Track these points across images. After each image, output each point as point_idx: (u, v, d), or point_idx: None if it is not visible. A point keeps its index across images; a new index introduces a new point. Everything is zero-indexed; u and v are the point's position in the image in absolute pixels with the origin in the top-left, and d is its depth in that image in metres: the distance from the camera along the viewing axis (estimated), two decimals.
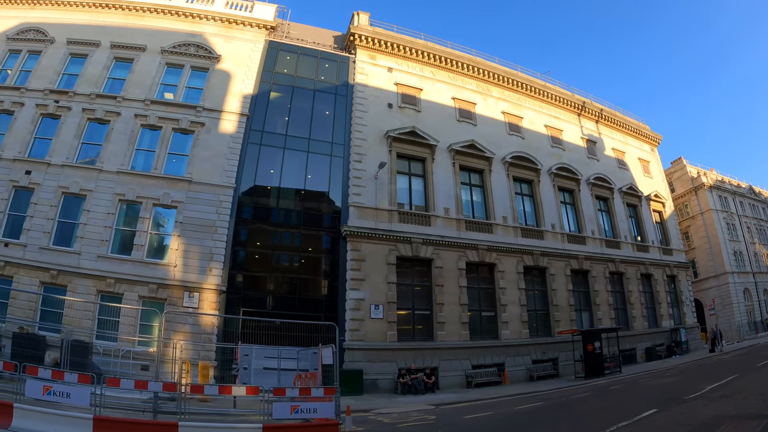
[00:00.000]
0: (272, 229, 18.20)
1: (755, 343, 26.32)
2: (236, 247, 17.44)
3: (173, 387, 8.89)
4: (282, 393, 8.87)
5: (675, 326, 25.92)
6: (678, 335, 25.35)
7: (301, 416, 8.04)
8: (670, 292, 27.20)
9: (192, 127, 18.73)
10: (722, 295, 32.71)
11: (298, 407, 7.97)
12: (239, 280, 17.26)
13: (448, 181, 19.90)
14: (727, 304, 32.21)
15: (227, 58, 20.16)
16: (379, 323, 16.66)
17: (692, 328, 27.49)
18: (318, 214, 18.68)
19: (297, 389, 9.63)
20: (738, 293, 33.00)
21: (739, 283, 33.63)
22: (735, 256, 34.36)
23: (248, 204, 18.23)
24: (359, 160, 18.75)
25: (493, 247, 19.55)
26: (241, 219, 17.76)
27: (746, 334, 30.25)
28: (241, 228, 17.88)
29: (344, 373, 15.15)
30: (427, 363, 16.79)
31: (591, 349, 18.15)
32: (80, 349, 12.27)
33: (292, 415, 7.92)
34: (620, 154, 28.10)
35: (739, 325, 30.35)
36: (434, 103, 21.39)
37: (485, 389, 16.47)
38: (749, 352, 21.92)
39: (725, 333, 29.29)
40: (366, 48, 21.15)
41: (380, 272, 17.25)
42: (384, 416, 11.36)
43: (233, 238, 17.30)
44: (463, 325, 18.01)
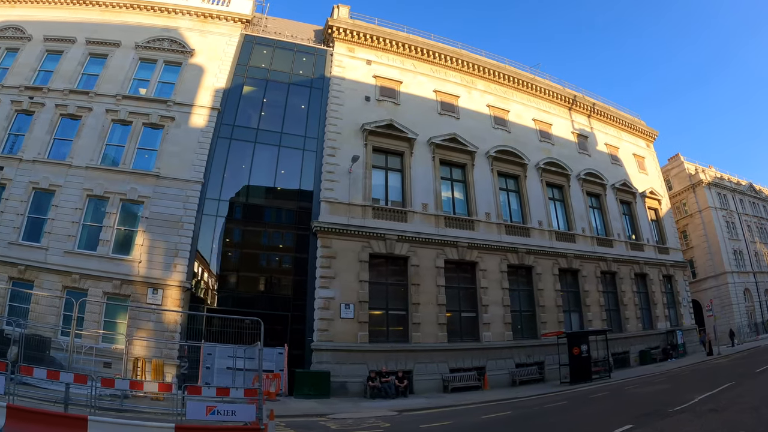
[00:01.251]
0: (240, 224, 17.23)
1: (756, 346, 24.60)
2: (202, 244, 16.57)
3: (84, 379, 8.19)
4: (197, 392, 8.39)
5: (671, 328, 24.34)
6: (674, 338, 23.78)
7: (218, 418, 7.40)
8: (667, 293, 25.61)
9: (162, 121, 18.05)
10: (721, 296, 30.86)
11: (215, 408, 7.35)
12: (205, 277, 16.34)
13: (427, 176, 18.65)
14: (727, 305, 30.36)
15: (201, 53, 19.38)
16: (350, 323, 15.48)
17: (690, 330, 25.87)
18: (288, 209, 17.59)
19: (214, 389, 8.82)
20: (738, 294, 31.09)
21: (739, 284, 31.69)
22: (735, 256, 32.45)
23: (216, 199, 17.22)
24: (332, 154, 17.61)
25: (475, 245, 18.24)
26: (208, 214, 16.84)
27: (747, 336, 28.42)
28: (207, 223, 16.90)
29: (310, 375, 14.08)
30: (400, 366, 15.55)
31: (577, 352, 16.74)
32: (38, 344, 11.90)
33: (207, 417, 7.27)
34: (613, 149, 26.61)
35: (739, 326, 28.51)
36: (414, 95, 20.17)
37: (462, 394, 15.20)
38: (749, 355, 20.31)
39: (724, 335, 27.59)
40: (344, 41, 20.06)
41: (352, 270, 16.08)
42: (336, 422, 10.27)
43: (199, 234, 16.43)
44: (441, 327, 16.72)
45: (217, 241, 17.06)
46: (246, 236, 17.23)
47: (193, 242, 16.18)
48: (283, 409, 11.43)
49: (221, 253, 17.11)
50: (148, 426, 7.39)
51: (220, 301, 16.41)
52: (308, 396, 13.53)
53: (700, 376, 14.64)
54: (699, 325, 27.84)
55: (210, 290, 16.56)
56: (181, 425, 6.86)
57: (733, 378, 12.67)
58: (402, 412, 11.78)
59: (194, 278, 16.12)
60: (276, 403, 12.10)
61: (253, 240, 17.25)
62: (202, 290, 16.25)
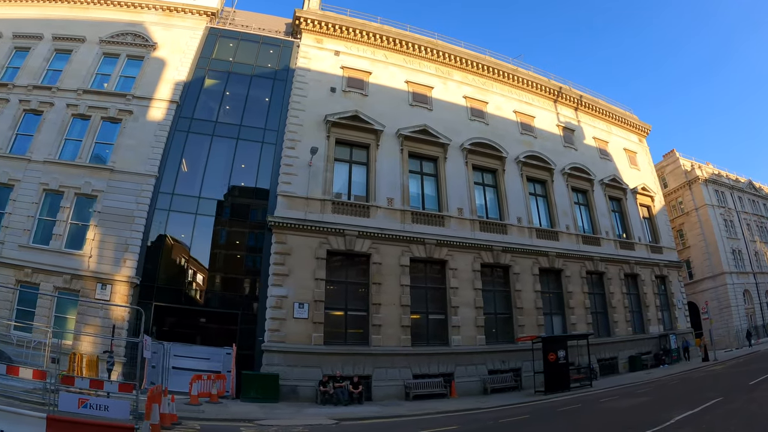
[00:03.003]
0: (193, 218, 15.83)
1: (755, 351, 22.27)
2: (154, 239, 15.42)
3: None
4: (71, 382, 7.90)
5: (664, 332, 22.18)
6: (667, 342, 21.68)
7: (89, 412, 6.81)
8: (660, 295, 23.43)
9: (120, 115, 17.22)
10: (719, 298, 28.37)
11: (87, 401, 6.79)
12: (154, 273, 15.13)
13: (394, 170, 17.01)
14: (725, 307, 27.85)
15: (164, 46, 18.48)
16: (304, 324, 13.95)
17: (685, 334, 23.66)
18: (244, 203, 16.21)
19: (88, 380, 8.14)
20: (737, 295, 28.49)
21: (738, 284, 29.05)
22: (733, 255, 29.86)
23: (169, 193, 16.03)
24: (292, 146, 16.13)
25: (445, 242, 16.52)
26: (160, 209, 15.74)
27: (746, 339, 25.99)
28: (160, 218, 15.77)
29: (258, 378, 12.76)
30: (358, 370, 13.95)
31: (553, 359, 14.87)
32: None
33: (79, 410, 6.67)
34: (602, 143, 24.60)
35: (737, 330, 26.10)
36: (384, 86, 18.59)
37: (424, 403, 13.48)
38: (747, 361, 18.13)
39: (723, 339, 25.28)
40: (312, 32, 18.66)
41: (307, 267, 14.54)
42: (259, 428, 9.05)
43: (151, 229, 15.36)
44: (404, 329, 15.03)
45: (167, 235, 15.92)
46: (197, 230, 15.79)
47: (144, 237, 15.23)
48: (216, 412, 10.52)
49: (171, 248, 15.97)
50: (20, 414, 6.52)
51: (169, 298, 15.11)
52: (254, 399, 12.28)
53: (688, 388, 12.69)
54: (696, 328, 25.54)
55: (160, 287, 15.31)
56: (53, 416, 6.21)
57: (723, 391, 10.74)
58: (342, 420, 10.36)
59: (144, 274, 14.97)
60: (215, 406, 11.30)
61: (204, 234, 15.79)
62: (151, 286, 15.04)
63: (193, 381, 11.76)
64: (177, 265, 15.90)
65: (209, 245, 15.89)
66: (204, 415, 10.09)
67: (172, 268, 15.88)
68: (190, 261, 15.85)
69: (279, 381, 12.89)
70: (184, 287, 15.50)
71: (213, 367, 13.90)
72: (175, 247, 16.11)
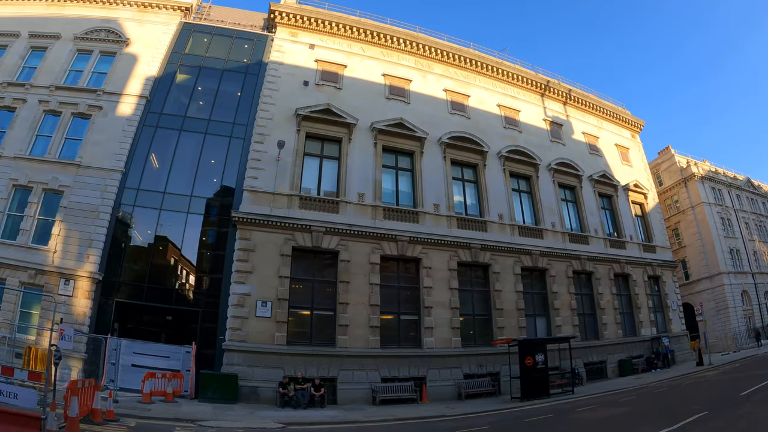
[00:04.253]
0: (157, 214, 15.01)
1: (753, 354, 20.57)
2: (117, 234, 14.68)
3: None
4: None
5: (657, 335, 20.68)
6: (660, 345, 20.19)
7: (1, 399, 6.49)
8: (653, 296, 21.93)
9: (90, 111, 16.63)
10: (717, 299, 26.56)
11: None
12: (117, 269, 14.42)
13: (367, 164, 15.91)
14: (723, 309, 26.05)
15: (137, 42, 17.82)
16: (266, 323, 12.95)
17: (679, 337, 22.11)
18: (209, 199, 15.24)
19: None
20: (735, 296, 26.60)
21: (736, 285, 27.14)
22: (731, 255, 27.97)
23: (135, 189, 15.26)
24: (261, 141, 15.16)
25: (418, 239, 15.36)
26: (126, 204, 15.06)
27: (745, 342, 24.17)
28: (125, 213, 15.07)
29: (216, 378, 11.93)
30: (323, 372, 12.90)
31: (530, 363, 13.58)
32: None
33: None
34: (592, 139, 23.19)
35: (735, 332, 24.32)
36: (360, 80, 17.53)
37: (390, 408, 12.39)
38: (742, 367, 16.60)
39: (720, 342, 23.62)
40: (287, 25, 17.75)
41: (272, 264, 13.55)
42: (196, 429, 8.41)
43: (115, 224, 14.66)
44: (373, 330, 13.91)
45: (131, 231, 15.19)
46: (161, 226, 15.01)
47: (108, 233, 14.50)
48: (162, 411, 9.81)
49: (134, 244, 15.20)
50: None
51: (132, 295, 14.34)
52: (212, 400, 11.52)
53: (673, 397, 11.33)
54: (692, 330, 23.91)
55: (122, 282, 14.52)
56: None
57: (709, 403, 9.42)
58: (291, 425, 9.48)
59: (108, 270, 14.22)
60: (167, 405, 10.69)
61: (168, 230, 15.00)
62: (114, 282, 14.29)
63: (146, 379, 11.14)
64: (140, 262, 15.08)
65: (173, 241, 15.07)
66: (148, 414, 9.40)
67: (135, 264, 15.08)
68: (153, 257, 15.05)
69: (238, 382, 12.09)
70: (146, 283, 14.61)
71: (172, 365, 13.13)
72: (139, 243, 15.31)
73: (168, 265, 15.17)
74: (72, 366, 12.81)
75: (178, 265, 15.11)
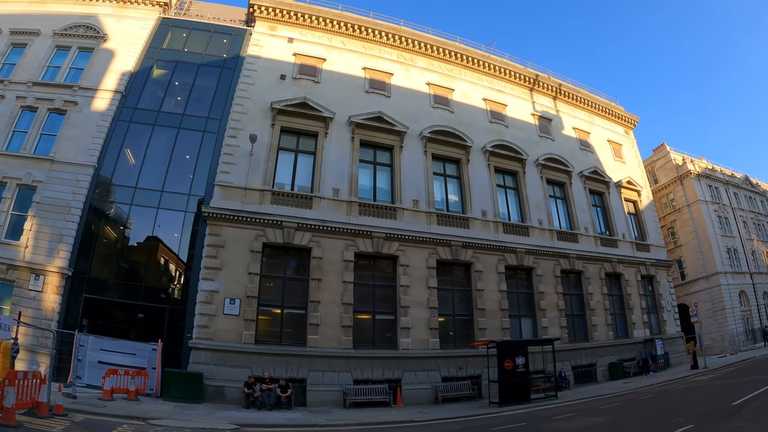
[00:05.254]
0: (128, 210, 14.37)
1: (751, 357, 19.23)
2: (88, 229, 14.03)
3: None
4: None
5: (650, 336, 19.50)
6: (653, 347, 19.00)
7: None
8: (646, 296, 20.74)
9: (65, 106, 16.05)
10: (713, 299, 25.13)
11: None
12: (87, 265, 13.77)
13: (343, 159, 15.05)
14: (720, 310, 24.63)
15: (114, 37, 17.22)
16: (234, 320, 12.18)
17: (674, 339, 20.88)
18: (181, 194, 14.46)
19: None
20: (732, 297, 25.13)
21: (734, 285, 25.62)
22: (728, 254, 26.48)
23: (106, 184, 14.67)
24: (234, 135, 14.40)
25: (395, 236, 14.43)
26: (96, 199, 14.43)
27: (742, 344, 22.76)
28: (95, 209, 14.46)
29: (181, 376, 11.31)
30: (292, 373, 12.10)
31: (510, 366, 12.56)
32: None
33: None
34: (584, 134, 22.06)
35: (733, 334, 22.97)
36: (339, 73, 16.68)
37: (360, 411, 11.53)
38: (738, 371, 15.37)
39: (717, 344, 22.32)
40: (267, 19, 17.00)
41: (241, 261, 12.76)
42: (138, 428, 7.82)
43: (86, 220, 14.01)
44: (345, 329, 13.02)
45: (101, 226, 14.61)
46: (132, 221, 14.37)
47: (79, 227, 13.94)
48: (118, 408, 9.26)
49: (105, 240, 14.59)
50: None
51: (100, 291, 13.66)
52: (176, 399, 10.92)
53: (660, 406, 10.24)
54: (689, 332, 22.65)
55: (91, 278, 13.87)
56: None
57: (697, 414, 8.36)
58: (246, 426, 8.79)
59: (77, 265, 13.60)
60: (126, 402, 10.19)
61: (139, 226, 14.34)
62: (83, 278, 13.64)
63: (107, 375, 10.63)
64: (110, 257, 14.42)
65: (143, 237, 14.38)
66: (102, 410, 8.94)
67: (105, 260, 14.41)
68: (123, 253, 14.38)
69: (204, 381, 11.41)
70: (114, 280, 13.94)
71: (138, 363, 12.48)
72: (110, 239, 14.65)
73: (138, 261, 14.48)
74: (40, 362, 12.42)
75: (147, 261, 14.41)
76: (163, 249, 14.52)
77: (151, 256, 14.38)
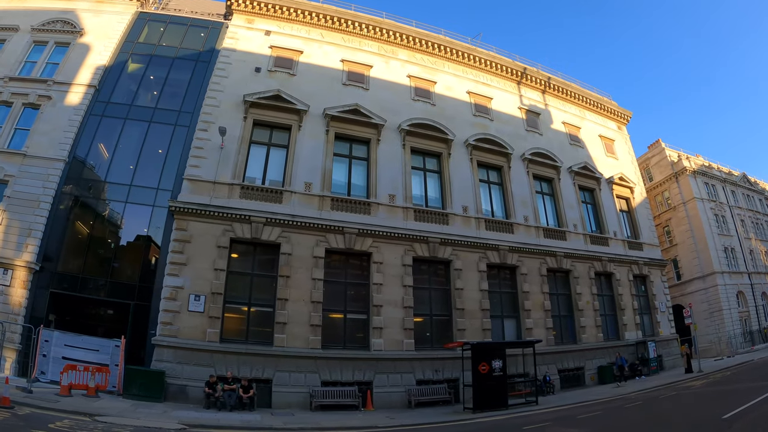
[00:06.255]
0: (97, 204, 13.86)
1: (748, 360, 17.89)
2: (57, 224, 13.39)
3: None
4: None
5: (643, 339, 18.31)
6: (646, 350, 17.82)
7: None
8: (639, 296, 19.52)
9: (39, 101, 15.50)
10: (710, 300, 23.72)
11: None
12: (55, 259, 13.15)
13: (316, 152, 14.18)
14: (716, 311, 23.21)
15: (91, 32, 16.65)
16: (199, 318, 11.43)
17: (668, 341, 19.64)
18: (149, 188, 13.73)
19: None
20: (729, 297, 23.69)
21: (731, 285, 24.13)
22: (725, 253, 25.02)
23: (76, 178, 14.07)
24: (205, 128, 13.64)
25: (369, 232, 13.52)
26: (66, 194, 13.82)
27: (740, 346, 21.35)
28: (65, 203, 13.91)
29: (142, 374, 10.74)
30: (257, 373, 11.30)
31: (486, 370, 11.55)
32: None
33: None
34: (574, 129, 20.94)
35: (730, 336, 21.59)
36: (316, 65, 15.83)
37: (325, 415, 10.73)
38: (734, 375, 14.15)
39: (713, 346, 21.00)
40: (244, 12, 16.24)
41: (207, 256, 11.98)
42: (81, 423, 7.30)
43: (56, 214, 13.41)
44: (313, 329, 12.14)
45: (70, 221, 13.96)
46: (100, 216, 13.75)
47: (48, 222, 13.35)
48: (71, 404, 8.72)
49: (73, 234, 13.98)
50: None
51: (67, 286, 13.02)
52: (137, 397, 10.38)
53: (643, 415, 9.16)
54: (684, 334, 21.32)
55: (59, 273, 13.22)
56: None
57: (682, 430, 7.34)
58: (195, 427, 8.21)
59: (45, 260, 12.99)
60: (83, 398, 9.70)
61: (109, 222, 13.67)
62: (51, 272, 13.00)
63: (65, 371, 10.18)
64: (78, 252, 13.80)
65: (111, 232, 13.68)
66: (53, 405, 8.37)
67: (73, 254, 13.82)
68: (91, 247, 13.73)
69: (166, 379, 10.75)
70: (81, 274, 13.27)
71: (102, 359, 11.91)
72: (78, 233, 14.00)
73: (105, 256, 13.80)
74: (6, 357, 11.83)
75: (114, 256, 13.70)
76: (131, 244, 13.81)
77: (119, 251, 13.69)
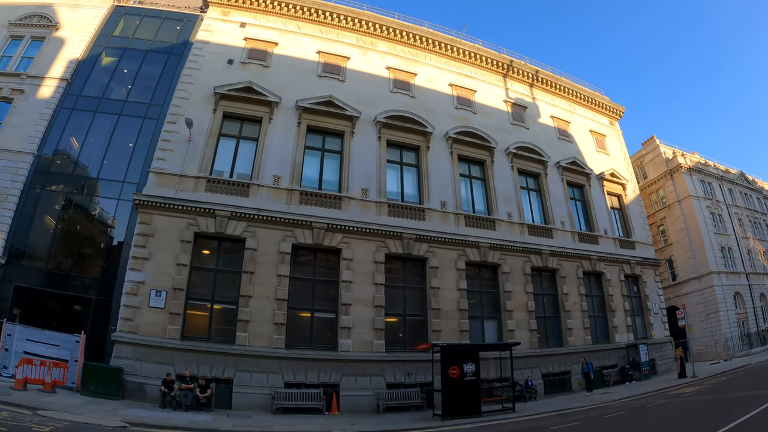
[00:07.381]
0: (64, 198, 13.22)
1: (746, 364, 16.53)
2: (24, 217, 12.81)
3: None
4: None
5: (634, 341, 17.07)
6: (637, 353, 16.59)
7: None
8: (631, 297, 18.29)
9: (12, 94, 14.96)
10: (706, 301, 22.27)
11: None
12: (21, 253, 12.55)
13: (286, 145, 13.35)
14: (713, 312, 21.76)
15: (67, 26, 16.14)
16: (159, 314, 10.72)
17: (662, 344, 18.36)
18: (115, 181, 13.06)
19: None
20: (726, 298, 22.22)
21: (728, 286, 22.67)
22: (722, 253, 23.51)
23: (45, 171, 13.49)
24: (174, 121, 12.92)
25: (339, 227, 12.62)
26: (34, 187, 13.24)
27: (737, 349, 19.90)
28: (32, 196, 13.38)
29: (99, 370, 10.20)
30: (217, 372, 10.54)
31: (456, 374, 10.56)
32: None
33: None
34: (563, 123, 19.80)
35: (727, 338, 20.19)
36: (290, 57, 15.03)
37: (287, 418, 9.96)
38: (730, 381, 12.89)
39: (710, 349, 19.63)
40: (219, 4, 15.56)
41: (170, 251, 11.26)
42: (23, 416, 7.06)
43: (23, 208, 12.85)
44: (278, 327, 11.27)
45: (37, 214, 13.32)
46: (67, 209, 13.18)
47: (15, 215, 12.77)
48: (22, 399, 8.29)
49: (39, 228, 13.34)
50: None
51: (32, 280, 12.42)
52: (93, 393, 9.90)
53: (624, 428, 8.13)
54: (679, 336, 19.99)
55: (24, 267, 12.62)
56: None
57: None
58: (136, 425, 7.66)
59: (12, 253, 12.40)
60: (37, 394, 9.17)
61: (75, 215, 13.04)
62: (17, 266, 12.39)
63: (20, 365, 9.61)
64: (43, 246, 13.18)
65: (77, 225, 13.05)
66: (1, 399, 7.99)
67: (38, 248, 13.22)
68: (56, 241, 13.10)
69: (124, 376, 10.13)
70: (45, 268, 12.65)
71: (62, 354, 11.29)
72: (45, 227, 13.37)
73: (70, 250, 13.15)
74: None
75: (79, 250, 13.04)
76: (96, 238, 13.11)
77: (83, 244, 13.03)
